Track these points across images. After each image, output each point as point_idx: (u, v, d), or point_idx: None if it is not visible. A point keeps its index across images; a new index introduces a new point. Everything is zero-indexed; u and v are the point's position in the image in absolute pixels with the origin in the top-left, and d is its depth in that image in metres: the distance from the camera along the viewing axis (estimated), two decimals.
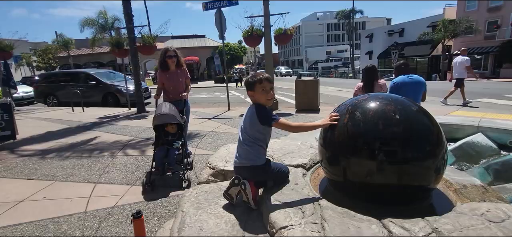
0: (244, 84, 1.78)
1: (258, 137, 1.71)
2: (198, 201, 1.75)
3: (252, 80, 1.75)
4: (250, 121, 1.71)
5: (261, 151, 1.73)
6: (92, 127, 6.56)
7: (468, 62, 7.91)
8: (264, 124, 1.69)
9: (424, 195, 1.52)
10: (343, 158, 1.56)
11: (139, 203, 2.74)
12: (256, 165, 1.69)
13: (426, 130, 1.45)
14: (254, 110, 1.71)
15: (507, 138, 3.43)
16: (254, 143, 1.70)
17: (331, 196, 1.63)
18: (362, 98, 1.65)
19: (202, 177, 2.14)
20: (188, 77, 3.85)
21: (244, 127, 1.75)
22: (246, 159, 1.70)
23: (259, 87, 1.73)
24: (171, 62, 3.60)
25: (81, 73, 12.09)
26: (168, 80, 3.63)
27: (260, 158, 1.71)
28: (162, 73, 3.63)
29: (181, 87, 3.72)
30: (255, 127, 1.70)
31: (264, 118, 1.68)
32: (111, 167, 3.76)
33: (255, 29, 8.02)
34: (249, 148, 1.69)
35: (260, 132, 1.71)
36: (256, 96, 1.74)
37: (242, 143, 1.73)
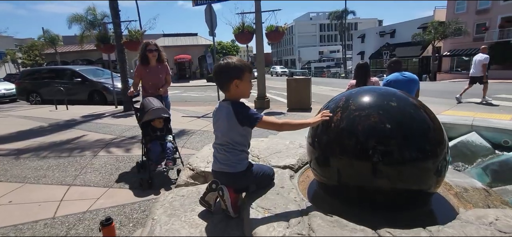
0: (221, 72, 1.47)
1: (238, 141, 1.47)
2: (173, 207, 1.55)
3: (241, 65, 1.45)
4: (228, 124, 1.44)
5: (242, 156, 1.49)
6: (74, 125, 6.25)
7: (486, 60, 7.92)
8: (245, 125, 1.45)
9: (423, 200, 1.36)
10: (333, 158, 1.39)
11: (115, 208, 2.52)
12: (236, 172, 1.47)
13: (426, 127, 1.30)
14: (231, 109, 1.44)
15: (501, 137, 3.36)
16: (233, 149, 1.46)
17: (321, 201, 1.46)
18: (355, 92, 1.49)
19: (181, 179, 1.95)
20: (169, 73, 3.66)
21: (221, 131, 1.49)
22: (225, 165, 1.47)
23: (248, 76, 1.48)
24: (152, 56, 3.40)
25: (66, 70, 11.65)
26: (148, 75, 3.44)
27: (241, 164, 1.49)
28: (141, 68, 3.43)
29: (161, 83, 3.54)
30: (234, 129, 1.44)
31: (245, 118, 1.42)
32: (89, 168, 3.52)
33: (246, 26, 7.84)
34: (228, 154, 1.46)
35: (240, 135, 1.47)
36: (242, 88, 1.46)
37: (219, 148, 1.50)
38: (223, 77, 1.47)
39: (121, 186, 3.01)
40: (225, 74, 1.46)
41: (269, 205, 1.35)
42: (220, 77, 1.49)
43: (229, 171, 1.46)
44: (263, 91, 8.14)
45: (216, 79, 1.50)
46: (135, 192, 2.84)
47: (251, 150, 2.24)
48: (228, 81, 1.46)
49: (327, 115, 1.47)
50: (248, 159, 1.55)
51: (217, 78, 1.50)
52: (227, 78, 1.46)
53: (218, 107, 1.55)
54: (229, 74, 1.45)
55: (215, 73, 1.49)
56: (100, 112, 8.07)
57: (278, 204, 1.36)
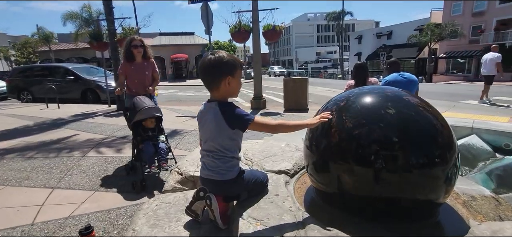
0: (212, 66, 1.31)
1: (228, 146, 1.33)
2: (157, 216, 1.41)
3: (234, 61, 1.31)
4: (216, 127, 1.30)
5: (232, 162, 1.36)
6: (64, 124, 6.06)
7: (499, 59, 7.85)
8: (235, 128, 1.31)
9: (431, 211, 1.25)
10: (332, 164, 1.27)
11: (99, 213, 2.37)
12: (226, 179, 1.33)
13: (434, 130, 1.18)
14: (219, 111, 1.30)
15: (501, 140, 3.27)
16: (223, 156, 1.32)
17: (319, 210, 1.34)
18: (356, 93, 1.36)
19: (168, 185, 1.81)
20: (156, 70, 3.51)
21: (208, 136, 1.34)
22: (214, 172, 1.34)
23: (239, 73, 1.35)
24: (137, 52, 3.24)
25: (59, 68, 11.39)
26: (133, 72, 3.27)
27: (231, 171, 1.35)
28: (126, 65, 3.27)
29: (148, 80, 3.39)
30: (224, 133, 1.31)
31: (236, 120, 1.29)
32: (75, 170, 3.35)
33: (243, 24, 7.70)
34: (217, 161, 1.33)
35: (230, 139, 1.33)
36: (233, 85, 1.33)
37: (207, 154, 1.36)
38: (214, 73, 1.31)
39: (109, 189, 2.86)
40: (218, 70, 1.30)
41: (262, 216, 1.22)
42: (211, 73, 1.32)
43: (217, 179, 1.33)
44: (259, 91, 8.01)
45: (205, 75, 1.34)
46: (124, 196, 2.70)
47: (244, 153, 2.11)
48: (220, 78, 1.31)
49: (327, 116, 1.35)
50: (239, 164, 1.42)
51: (207, 74, 1.34)
52: (219, 74, 1.31)
53: (203, 108, 1.40)
54: (221, 70, 1.30)
55: (205, 68, 1.32)
56: (92, 111, 7.88)
57: (272, 215, 1.23)
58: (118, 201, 2.59)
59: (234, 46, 36.78)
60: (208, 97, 1.42)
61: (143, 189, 2.72)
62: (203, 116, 1.39)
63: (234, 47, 36.62)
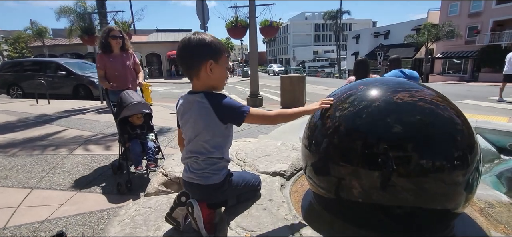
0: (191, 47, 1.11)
1: (216, 144, 1.14)
2: (134, 223, 1.24)
3: (219, 44, 1.11)
4: (204, 123, 1.10)
5: (220, 164, 1.17)
6: (52, 121, 5.83)
7: None
8: (228, 123, 1.14)
9: (447, 222, 1.09)
10: (334, 166, 1.10)
11: (79, 216, 2.19)
12: (210, 184, 1.14)
13: (453, 128, 1.02)
14: (207, 104, 1.09)
15: (506, 140, 3.15)
16: (210, 157, 1.13)
17: (318, 219, 1.18)
18: (362, 84, 1.20)
19: (151, 187, 1.63)
20: (138, 62, 3.28)
21: (194, 133, 1.14)
22: (197, 175, 1.15)
23: (225, 60, 1.16)
24: (116, 43, 3.01)
25: (50, 63, 11.10)
26: (112, 65, 3.02)
27: (217, 174, 1.16)
28: (104, 57, 3.01)
29: (130, 73, 3.15)
30: (213, 130, 1.11)
31: (229, 113, 1.09)
32: (59, 168, 3.16)
33: (239, 20, 7.52)
34: (202, 162, 1.14)
35: (220, 136, 1.14)
36: (216, 74, 1.12)
37: (192, 154, 1.16)
38: (193, 56, 1.10)
39: (92, 189, 2.68)
40: (197, 52, 1.10)
41: (253, 225, 1.06)
42: (189, 55, 1.11)
43: (201, 183, 1.14)
44: (256, 88, 7.84)
45: (182, 58, 1.13)
46: (108, 197, 2.52)
47: (236, 152, 1.94)
48: (199, 61, 1.10)
49: (328, 102, 1.19)
50: (228, 166, 1.24)
51: (184, 57, 1.13)
52: (198, 57, 1.10)
53: (184, 102, 1.18)
54: (200, 52, 1.10)
55: (183, 49, 1.11)
56: (83, 107, 7.65)
57: (264, 224, 1.06)
58: (101, 203, 2.41)
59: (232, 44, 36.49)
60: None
61: (129, 191, 2.55)
62: (185, 111, 1.18)
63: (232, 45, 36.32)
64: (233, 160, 1.80)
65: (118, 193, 2.57)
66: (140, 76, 3.24)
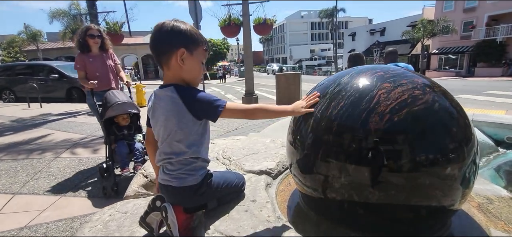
0: (160, 34, 1.00)
1: (191, 143, 1.02)
2: (107, 230, 1.14)
3: (194, 33, 1.01)
4: (176, 120, 1.00)
5: (195, 164, 1.06)
6: (43, 124, 5.71)
7: None
8: (203, 119, 1.03)
9: (443, 220, 1.00)
10: (321, 163, 1.01)
11: (61, 222, 2.09)
12: (186, 186, 1.03)
13: (448, 118, 0.94)
14: (178, 98, 0.99)
15: (503, 133, 3.10)
16: (184, 158, 1.03)
17: (304, 220, 1.09)
18: (351, 73, 1.11)
19: (131, 189, 1.54)
20: (118, 62, 3.16)
21: (165, 132, 1.03)
22: (171, 176, 1.04)
23: (201, 53, 1.06)
24: (94, 43, 2.88)
25: (42, 66, 10.96)
26: (92, 65, 2.90)
27: (194, 175, 1.05)
28: (83, 57, 2.89)
29: (112, 73, 3.04)
30: (186, 127, 1.00)
31: (203, 108, 0.99)
32: (44, 172, 3.05)
33: (233, 18, 7.42)
34: (176, 163, 1.04)
35: (195, 134, 1.03)
36: (189, 65, 1.02)
37: (165, 156, 1.05)
38: (163, 43, 1.00)
39: (77, 194, 2.58)
40: (167, 39, 1.00)
41: (232, 229, 0.97)
42: (159, 40, 1.01)
43: (175, 185, 1.04)
44: (251, 87, 7.75)
45: (152, 42, 1.02)
46: (93, 202, 2.42)
47: (223, 151, 1.85)
48: (170, 50, 1.00)
49: (313, 99, 1.09)
50: (207, 166, 1.13)
51: (155, 41, 1.02)
52: (168, 45, 1.00)
53: (154, 97, 1.07)
54: (171, 39, 0.99)
55: (154, 35, 1.01)
56: (76, 110, 7.54)
57: (244, 227, 0.97)
58: (86, 207, 2.32)
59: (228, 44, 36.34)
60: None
61: (115, 194, 2.45)
62: (155, 107, 1.06)
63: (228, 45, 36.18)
64: (218, 159, 1.71)
65: (104, 196, 2.47)
66: (122, 76, 3.14)
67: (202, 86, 8.31)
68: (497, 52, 22.37)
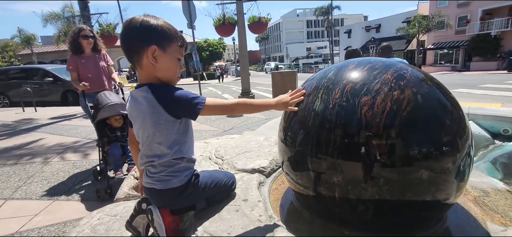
0: (130, 31, 0.94)
1: (172, 143, 0.98)
2: (94, 233, 1.11)
3: (167, 29, 0.96)
4: (152, 120, 0.94)
5: (179, 165, 1.01)
6: (37, 128, 5.64)
7: None
8: (183, 118, 0.98)
9: (438, 215, 0.98)
10: (312, 159, 0.98)
11: (53, 227, 2.05)
12: (170, 188, 0.99)
13: (442, 111, 0.91)
14: (154, 99, 0.93)
15: (500, 126, 3.10)
16: (167, 160, 0.98)
17: (297, 218, 1.06)
18: (342, 67, 1.09)
19: (121, 192, 1.50)
20: (110, 62, 3.12)
21: (143, 133, 0.99)
22: (154, 179, 1.00)
23: (176, 49, 0.99)
24: (87, 43, 2.84)
25: (37, 69, 10.84)
26: (85, 66, 2.86)
27: (178, 177, 1.00)
28: (75, 58, 2.85)
29: (105, 74, 3.00)
30: (166, 127, 0.95)
31: (182, 106, 0.94)
32: (37, 177, 3.00)
33: (227, 17, 7.38)
34: (158, 165, 1.00)
35: (176, 133, 0.98)
36: (162, 63, 0.96)
37: (147, 159, 1.01)
38: (133, 38, 0.95)
39: (71, 197, 2.54)
40: (137, 34, 0.93)
41: (222, 229, 0.94)
42: (128, 37, 0.95)
43: (159, 188, 0.99)
44: (247, 86, 7.72)
45: (122, 39, 0.97)
46: (86, 205, 2.38)
47: (216, 150, 1.82)
48: (140, 47, 0.94)
49: (299, 96, 1.05)
50: (193, 167, 1.08)
51: (124, 38, 0.96)
52: (138, 42, 0.94)
53: (131, 98, 1.02)
54: (142, 35, 0.93)
55: (123, 29, 0.96)
56: (70, 114, 7.45)
57: (235, 227, 0.94)
58: (79, 211, 2.27)
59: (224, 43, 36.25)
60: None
61: (109, 197, 2.41)
62: (132, 109, 1.00)
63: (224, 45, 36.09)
64: (211, 158, 1.68)
65: (97, 199, 2.43)
66: (115, 77, 3.10)
67: (199, 86, 8.26)
68: (492, 46, 22.53)
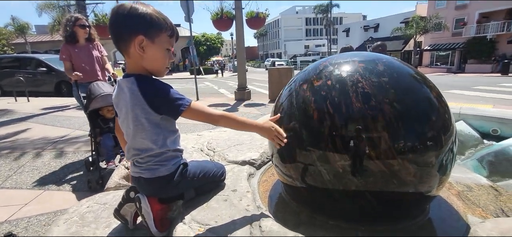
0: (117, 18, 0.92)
1: (156, 137, 0.97)
2: (83, 222, 1.11)
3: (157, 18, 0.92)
4: (135, 112, 0.93)
5: (166, 155, 1.01)
6: (29, 118, 5.57)
7: None
8: (163, 114, 0.96)
9: (420, 207, 1.00)
10: (300, 151, 1.00)
11: (43, 216, 2.04)
12: (158, 176, 0.99)
13: (428, 106, 0.93)
14: (138, 91, 0.92)
15: (489, 126, 3.16)
16: (153, 153, 0.98)
17: (285, 209, 1.08)
18: (330, 61, 1.09)
19: (112, 181, 1.50)
20: (104, 52, 3.10)
21: (127, 125, 0.98)
22: (142, 168, 1.00)
23: (165, 40, 0.96)
24: (84, 33, 2.81)
25: (30, 59, 10.66)
26: (79, 56, 2.83)
27: (165, 166, 1.00)
28: (69, 47, 2.82)
29: (99, 64, 2.98)
30: (148, 121, 0.94)
31: (163, 103, 0.93)
32: (27, 167, 2.97)
33: (225, 11, 7.34)
34: (145, 157, 0.99)
35: (159, 127, 0.97)
36: (150, 54, 0.93)
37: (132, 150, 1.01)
38: (120, 27, 0.92)
39: (62, 187, 2.52)
40: (123, 22, 0.91)
41: (209, 218, 0.95)
42: (115, 28, 0.92)
43: (147, 177, 0.99)
44: (243, 81, 7.72)
45: (110, 26, 0.94)
46: (78, 195, 2.37)
47: (208, 142, 1.83)
48: (128, 36, 0.91)
49: (281, 139, 1.01)
50: (180, 156, 1.08)
51: (112, 26, 0.93)
52: (126, 29, 0.91)
53: (118, 87, 1.00)
54: (129, 23, 0.90)
55: (111, 16, 0.93)
56: (64, 105, 7.37)
57: (222, 216, 0.95)
58: (70, 201, 2.27)
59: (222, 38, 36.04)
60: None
61: (101, 188, 2.40)
62: (119, 100, 0.99)
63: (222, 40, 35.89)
64: (202, 150, 1.69)
65: (89, 190, 2.42)
66: (109, 68, 3.07)
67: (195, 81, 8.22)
68: (487, 49, 22.81)
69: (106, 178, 2.51)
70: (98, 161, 2.55)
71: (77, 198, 2.31)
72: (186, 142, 1.91)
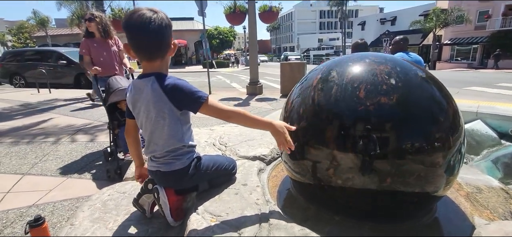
0: (160, 26, 0.96)
1: (174, 133, 1.04)
2: (105, 209, 1.20)
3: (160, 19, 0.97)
4: (157, 109, 1.00)
5: (182, 151, 1.08)
6: (51, 109, 5.86)
7: None
8: (184, 109, 1.03)
9: (427, 207, 1.02)
10: (308, 148, 1.03)
11: (66, 201, 2.19)
12: (174, 170, 1.06)
13: (436, 107, 0.94)
14: (160, 88, 0.98)
15: (508, 126, 3.04)
16: (170, 148, 1.05)
17: (293, 204, 1.12)
18: (341, 60, 1.11)
19: (130, 172, 1.60)
20: (121, 47, 3.22)
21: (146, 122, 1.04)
22: (159, 162, 1.08)
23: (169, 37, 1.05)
24: (94, 26, 2.94)
25: (51, 52, 11.11)
26: (96, 50, 2.98)
27: (181, 160, 1.08)
28: (87, 42, 2.97)
29: (116, 59, 3.10)
30: (169, 117, 1.01)
31: (184, 98, 0.99)
32: (52, 155, 3.16)
33: (238, 5, 7.35)
34: (162, 152, 1.06)
35: (177, 123, 1.04)
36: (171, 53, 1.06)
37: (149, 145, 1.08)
38: (167, 38, 0.99)
39: (83, 176, 2.68)
40: (167, 33, 0.99)
41: (220, 210, 1.01)
42: (162, 37, 0.97)
43: (164, 170, 1.07)
44: (255, 76, 7.74)
45: (151, 37, 0.96)
46: (97, 184, 2.51)
47: (220, 137, 1.89)
48: (168, 45, 1.01)
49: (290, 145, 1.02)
50: (194, 150, 1.15)
51: (154, 37, 0.97)
52: (169, 39, 1.00)
53: (134, 89, 1.06)
54: (170, 33, 1.01)
55: (156, 32, 0.96)
56: (83, 97, 7.67)
57: (233, 209, 1.01)
58: (90, 189, 2.41)
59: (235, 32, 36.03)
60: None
61: (119, 177, 2.53)
62: (137, 100, 1.05)
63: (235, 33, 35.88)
64: (215, 145, 1.75)
65: (108, 179, 2.56)
66: (126, 62, 3.19)
67: (207, 74, 8.32)
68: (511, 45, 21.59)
69: (124, 169, 2.65)
70: (116, 152, 2.68)
71: (97, 186, 2.45)
72: (199, 137, 1.99)
